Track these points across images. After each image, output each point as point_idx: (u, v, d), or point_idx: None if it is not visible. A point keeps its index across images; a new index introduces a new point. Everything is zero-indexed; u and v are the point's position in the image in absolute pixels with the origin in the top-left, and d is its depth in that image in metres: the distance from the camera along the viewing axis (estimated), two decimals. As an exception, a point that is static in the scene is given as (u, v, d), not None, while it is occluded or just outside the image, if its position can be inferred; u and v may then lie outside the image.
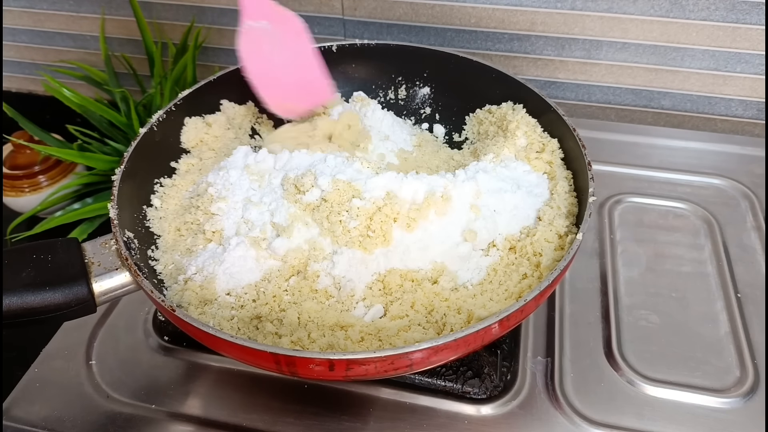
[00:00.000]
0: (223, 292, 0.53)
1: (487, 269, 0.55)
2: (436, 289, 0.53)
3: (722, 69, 0.86)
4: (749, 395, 0.59)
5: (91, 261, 0.51)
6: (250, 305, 0.53)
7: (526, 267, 0.54)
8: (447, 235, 0.55)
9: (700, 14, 0.81)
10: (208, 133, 0.68)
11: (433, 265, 0.55)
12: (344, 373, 0.45)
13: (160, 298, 0.47)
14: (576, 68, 0.90)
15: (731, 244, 0.73)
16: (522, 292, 0.52)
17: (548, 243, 0.55)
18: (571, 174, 0.62)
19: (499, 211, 0.57)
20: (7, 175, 0.84)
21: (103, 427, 0.57)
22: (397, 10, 0.89)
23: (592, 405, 0.58)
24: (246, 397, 0.59)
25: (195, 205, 0.59)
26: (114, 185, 0.56)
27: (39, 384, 0.60)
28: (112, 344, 0.64)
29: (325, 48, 0.73)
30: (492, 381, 0.59)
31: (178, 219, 0.60)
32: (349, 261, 0.54)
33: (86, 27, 1.02)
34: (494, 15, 0.87)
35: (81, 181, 0.82)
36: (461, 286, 0.54)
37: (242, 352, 0.46)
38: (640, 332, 0.64)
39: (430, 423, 0.57)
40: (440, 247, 0.55)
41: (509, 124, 0.65)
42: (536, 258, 0.54)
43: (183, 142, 0.67)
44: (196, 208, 0.59)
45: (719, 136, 0.87)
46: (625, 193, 0.79)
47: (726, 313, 0.66)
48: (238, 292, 0.53)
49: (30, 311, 0.47)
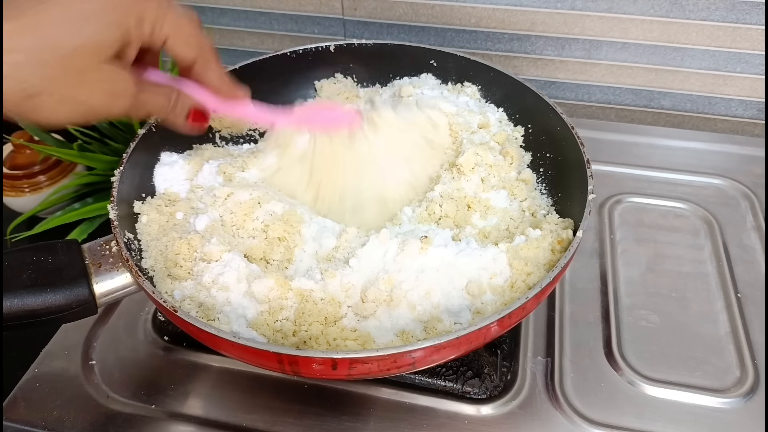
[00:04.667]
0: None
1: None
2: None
3: (722, 69, 0.86)
4: (749, 395, 0.59)
5: (91, 262, 0.51)
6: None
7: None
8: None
9: (700, 14, 0.81)
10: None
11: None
12: (347, 371, 0.45)
13: (161, 299, 0.47)
14: (576, 68, 0.90)
15: (731, 244, 0.73)
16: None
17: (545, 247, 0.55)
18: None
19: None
20: (7, 175, 0.84)
21: (103, 427, 0.57)
22: (397, 10, 0.89)
23: (592, 405, 0.58)
24: (246, 397, 0.59)
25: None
26: (114, 186, 0.56)
27: (39, 384, 0.60)
28: (112, 344, 0.64)
29: (322, 48, 0.73)
30: (492, 381, 0.59)
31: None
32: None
33: (86, 27, 1.02)
34: (494, 15, 0.87)
35: (81, 181, 0.82)
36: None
37: (245, 352, 0.46)
38: (640, 332, 0.64)
39: (430, 423, 0.57)
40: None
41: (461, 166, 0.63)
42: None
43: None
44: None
45: (719, 136, 0.87)
46: (625, 193, 0.79)
47: (726, 313, 0.66)
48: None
49: (30, 313, 0.47)
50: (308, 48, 0.73)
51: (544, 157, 0.66)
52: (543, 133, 0.66)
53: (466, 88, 0.72)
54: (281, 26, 0.95)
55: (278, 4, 0.92)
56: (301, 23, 0.94)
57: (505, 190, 0.61)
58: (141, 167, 0.61)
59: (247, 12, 0.94)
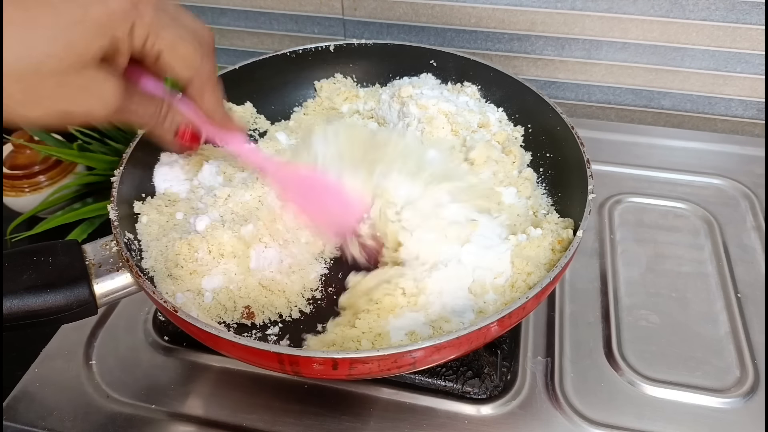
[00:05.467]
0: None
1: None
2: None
3: (722, 69, 0.86)
4: (749, 395, 0.59)
5: (91, 263, 0.51)
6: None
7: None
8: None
9: (700, 14, 0.81)
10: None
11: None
12: (348, 371, 0.45)
13: (162, 299, 0.47)
14: (576, 68, 0.90)
15: (731, 244, 0.73)
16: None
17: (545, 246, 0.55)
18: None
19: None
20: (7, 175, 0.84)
21: (103, 427, 0.57)
22: (397, 10, 0.89)
23: (592, 405, 0.58)
24: (246, 397, 0.59)
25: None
26: (113, 187, 0.56)
27: (39, 384, 0.60)
28: (112, 344, 0.64)
29: (322, 48, 0.73)
30: (492, 381, 0.59)
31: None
32: None
33: (86, 27, 1.02)
34: (494, 15, 0.87)
35: (81, 181, 0.82)
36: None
37: (245, 353, 0.46)
38: (640, 332, 0.64)
39: (430, 423, 0.57)
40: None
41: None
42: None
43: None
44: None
45: (719, 136, 0.87)
46: (625, 193, 0.79)
47: (726, 313, 0.66)
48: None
49: (31, 314, 0.47)
50: (308, 48, 0.73)
51: (544, 156, 0.66)
52: (543, 133, 0.67)
53: (466, 88, 0.72)
54: (281, 26, 0.95)
55: (278, 4, 0.92)
56: (301, 23, 0.94)
57: (513, 187, 0.61)
58: (141, 167, 0.61)
59: (247, 12, 0.94)
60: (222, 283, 0.54)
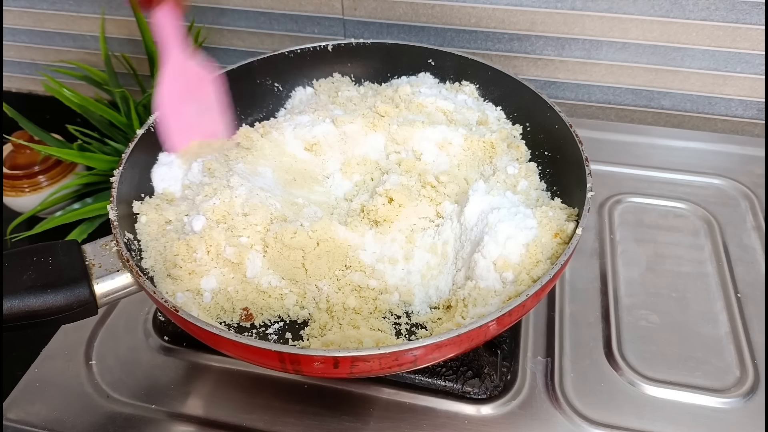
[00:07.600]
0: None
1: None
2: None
3: (722, 69, 0.86)
4: (749, 395, 0.59)
5: (91, 263, 0.51)
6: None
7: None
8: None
9: (700, 14, 0.81)
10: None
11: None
12: (349, 369, 0.45)
13: (163, 299, 0.47)
14: (576, 68, 0.90)
15: (731, 244, 0.73)
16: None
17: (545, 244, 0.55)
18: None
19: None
20: (7, 175, 0.84)
21: (103, 427, 0.57)
22: (397, 10, 0.89)
23: (592, 405, 0.58)
24: (246, 397, 0.59)
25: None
26: (113, 187, 0.56)
27: (39, 384, 0.60)
28: (112, 344, 0.64)
29: (320, 47, 0.73)
30: (492, 381, 0.59)
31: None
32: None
33: (86, 27, 1.02)
34: (494, 15, 0.87)
35: (81, 181, 0.82)
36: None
37: (246, 352, 0.46)
38: (640, 332, 0.64)
39: (430, 423, 0.57)
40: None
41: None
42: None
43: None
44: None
45: (719, 136, 0.87)
46: (625, 193, 0.79)
47: (726, 313, 0.66)
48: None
49: (31, 314, 0.47)
50: (306, 47, 0.73)
51: (542, 155, 0.66)
52: (541, 132, 0.67)
53: (464, 87, 0.72)
54: (281, 26, 0.95)
55: (278, 4, 0.92)
56: (300, 23, 0.94)
57: (525, 180, 0.62)
58: (140, 167, 0.61)
59: (247, 12, 0.94)
60: (220, 285, 0.54)
